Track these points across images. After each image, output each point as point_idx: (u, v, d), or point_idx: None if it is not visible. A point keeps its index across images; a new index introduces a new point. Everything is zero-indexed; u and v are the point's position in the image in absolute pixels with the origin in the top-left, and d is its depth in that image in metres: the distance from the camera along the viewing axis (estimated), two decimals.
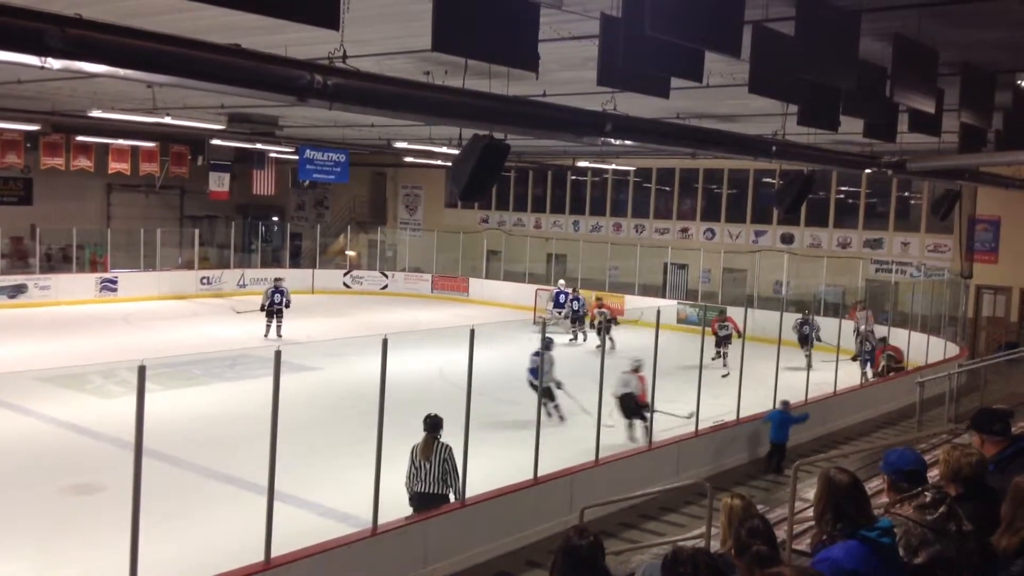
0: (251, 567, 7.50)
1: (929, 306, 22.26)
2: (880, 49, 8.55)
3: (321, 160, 26.00)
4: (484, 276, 32.33)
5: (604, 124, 9.36)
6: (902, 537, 3.60)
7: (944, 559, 3.57)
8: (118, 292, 28.21)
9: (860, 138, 11.83)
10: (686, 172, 29.75)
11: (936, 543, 3.60)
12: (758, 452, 13.67)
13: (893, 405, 17.07)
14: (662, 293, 28.73)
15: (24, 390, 15.15)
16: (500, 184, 31.89)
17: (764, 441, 13.73)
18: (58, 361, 17.68)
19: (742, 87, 8.60)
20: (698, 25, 6.39)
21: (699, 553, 3.33)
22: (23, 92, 17.35)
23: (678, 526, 10.47)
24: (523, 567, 9.26)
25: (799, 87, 8.42)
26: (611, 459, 11.29)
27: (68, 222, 29.25)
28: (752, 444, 13.72)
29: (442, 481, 8.99)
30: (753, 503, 4.66)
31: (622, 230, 31.47)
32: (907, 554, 3.55)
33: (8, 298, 26.12)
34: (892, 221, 26.23)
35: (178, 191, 34.73)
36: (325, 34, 6.09)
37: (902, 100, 8.87)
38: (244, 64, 6.21)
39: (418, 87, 8.34)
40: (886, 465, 4.04)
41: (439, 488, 9.00)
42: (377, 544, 8.44)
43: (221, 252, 33.45)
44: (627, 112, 10.04)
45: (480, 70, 7.94)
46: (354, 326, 24.45)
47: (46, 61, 5.16)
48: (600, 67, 7.59)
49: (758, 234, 28.47)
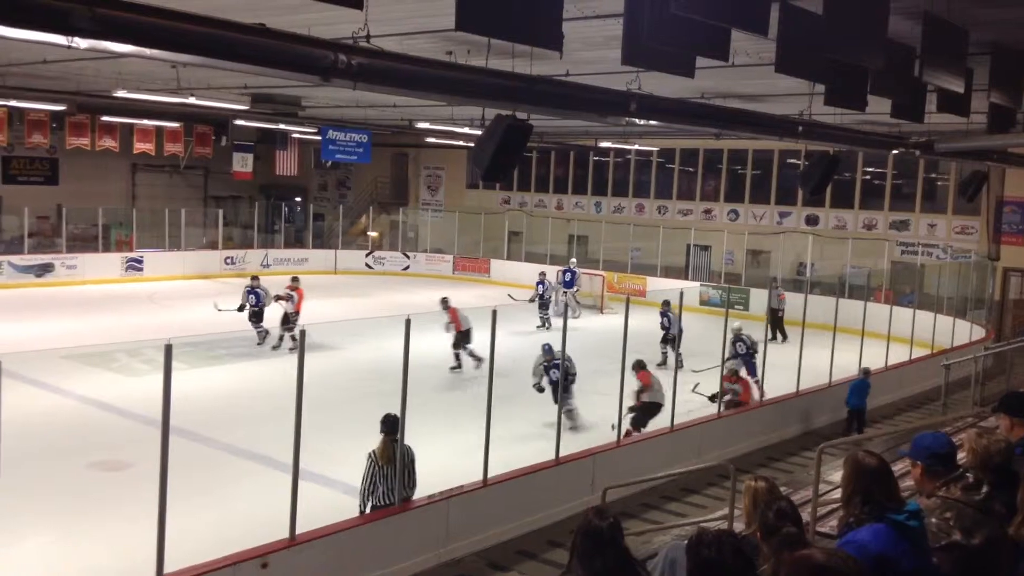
0: (276, 543, 7.59)
1: (955, 288, 22.05)
2: (909, 28, 8.43)
3: (343, 141, 26.00)
4: (506, 257, 32.30)
5: (628, 104, 9.31)
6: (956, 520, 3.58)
7: (997, 539, 3.56)
8: (143, 271, 28.45)
9: (887, 118, 11.69)
10: (710, 152, 29.54)
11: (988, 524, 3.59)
12: (782, 434, 13.65)
13: (917, 388, 16.96)
14: (685, 275, 28.60)
15: (51, 368, 15.33)
16: (522, 165, 31.82)
17: (789, 423, 13.74)
18: (84, 339, 17.86)
19: (768, 66, 8.51)
20: (725, 3, 6.32)
21: (724, 534, 3.33)
22: (49, 72, 17.46)
23: (700, 507, 10.49)
24: (545, 546, 9.31)
25: (826, 66, 8.32)
26: (633, 440, 11.31)
27: (94, 202, 29.47)
28: (775, 426, 13.69)
29: (403, 484, 8.57)
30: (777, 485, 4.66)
31: (645, 211, 31.33)
32: (964, 536, 3.53)
33: (35, 277, 26.42)
34: (919, 202, 25.94)
35: (202, 171, 34.90)
36: (349, 13, 6.08)
37: (931, 80, 8.75)
38: (269, 44, 6.23)
39: (442, 67, 8.31)
40: (919, 450, 4.00)
41: (401, 491, 8.56)
42: (400, 521, 8.51)
43: (245, 232, 33.63)
44: (651, 91, 9.97)
45: (503, 50, 7.90)
46: (376, 306, 24.55)
47: (73, 40, 5.18)
48: (624, 46, 7.52)
49: (782, 215, 28.25)
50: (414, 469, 8.71)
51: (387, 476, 8.49)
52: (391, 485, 8.49)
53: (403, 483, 8.56)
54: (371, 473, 8.48)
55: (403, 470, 8.53)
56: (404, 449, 8.53)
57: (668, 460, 11.35)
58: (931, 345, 18.98)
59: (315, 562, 7.82)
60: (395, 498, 8.52)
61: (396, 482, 8.48)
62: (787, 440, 13.65)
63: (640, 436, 11.71)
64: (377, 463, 8.48)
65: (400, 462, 8.48)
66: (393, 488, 8.50)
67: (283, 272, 31.41)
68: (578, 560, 3.85)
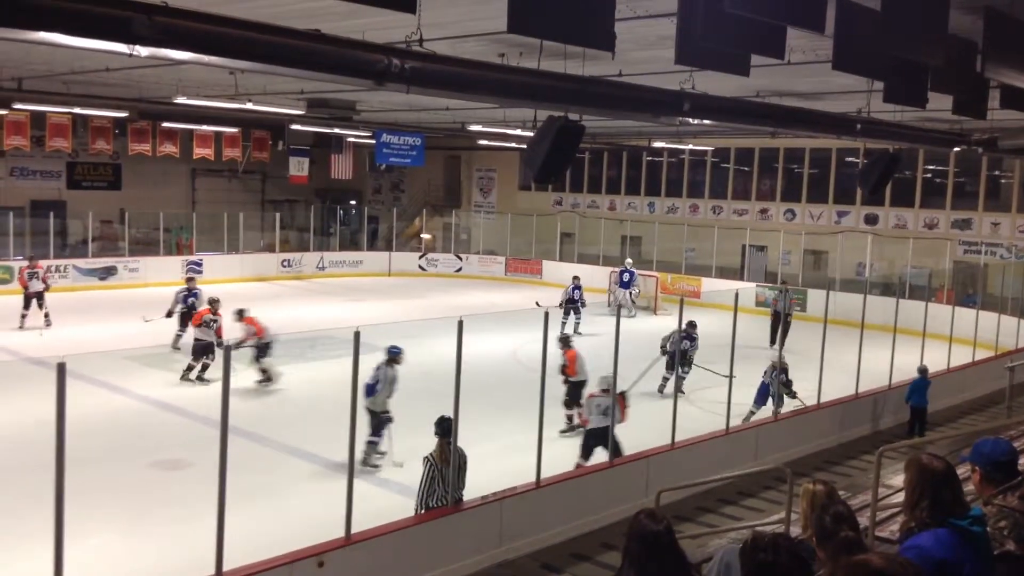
0: (332, 542, 7.67)
1: (1020, 289, 21.47)
2: (970, 23, 8.23)
3: (397, 144, 26.20)
4: (558, 259, 32.27)
5: (682, 103, 9.24)
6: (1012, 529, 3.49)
7: None
8: (203, 274, 28.99)
9: (948, 115, 11.41)
10: (765, 152, 29.16)
11: None
12: (842, 437, 13.43)
13: (980, 390, 16.54)
14: (740, 275, 28.28)
15: (115, 369, 15.69)
16: (574, 166, 31.71)
17: (847, 426, 13.51)
18: (146, 341, 18.22)
19: (825, 64, 8.37)
20: (780, 0, 6.23)
21: (780, 538, 3.28)
22: (111, 80, 17.89)
23: (756, 511, 10.35)
24: (598, 549, 9.26)
25: (885, 63, 8.16)
26: (687, 443, 11.20)
27: (155, 206, 30.13)
28: (834, 429, 13.47)
29: (457, 486, 8.61)
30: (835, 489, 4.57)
31: (699, 211, 31.04)
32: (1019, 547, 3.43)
33: (99, 280, 27.07)
34: (982, 201, 25.31)
35: (259, 176, 35.47)
36: (402, 18, 6.13)
37: (993, 75, 8.52)
38: (324, 49, 6.30)
39: (494, 69, 8.33)
40: (979, 456, 3.90)
41: (456, 492, 8.62)
42: (454, 522, 8.54)
43: (301, 235, 34.08)
44: (705, 91, 9.88)
45: (555, 51, 7.89)
46: (429, 308, 24.69)
47: (134, 49, 5.30)
48: (678, 45, 7.46)
49: (841, 215, 27.78)
50: (466, 471, 8.74)
51: (445, 478, 8.53)
52: (448, 487, 8.53)
53: (455, 485, 8.59)
54: (430, 476, 8.50)
55: (457, 472, 8.57)
56: (457, 451, 8.56)
57: (724, 463, 11.23)
58: (995, 347, 18.51)
59: (370, 561, 7.89)
60: (450, 500, 8.57)
61: (451, 484, 8.51)
62: (846, 443, 13.41)
63: (695, 438, 11.56)
64: (436, 465, 8.51)
65: (455, 463, 8.52)
66: (448, 489, 8.53)
67: (338, 274, 31.89)
68: (630, 563, 3.81)
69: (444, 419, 8.58)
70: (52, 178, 30.50)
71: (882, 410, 14.43)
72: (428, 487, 8.52)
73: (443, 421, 8.58)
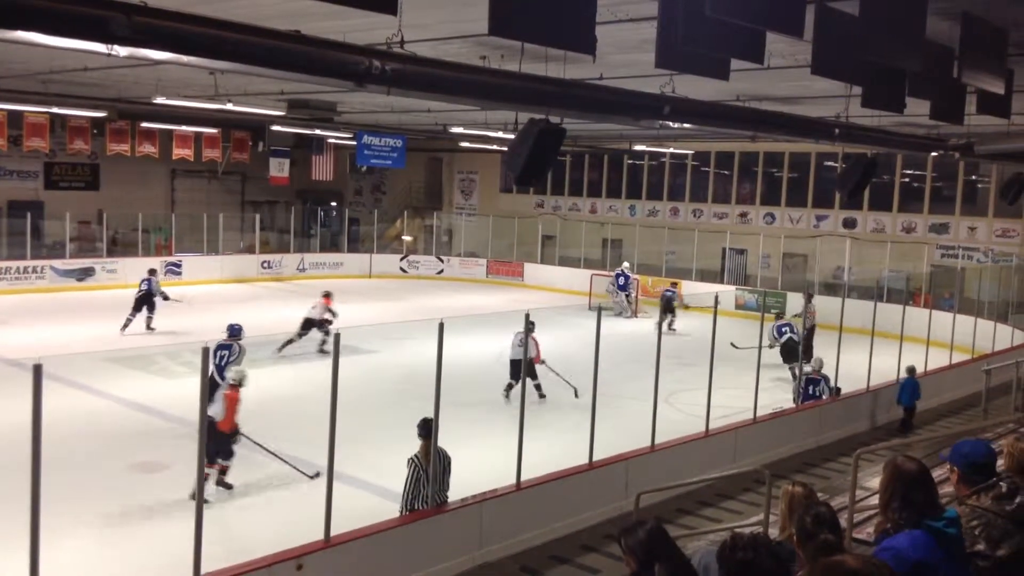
0: (311, 544, 7.63)
1: (996, 292, 21.69)
2: (947, 29, 8.31)
3: (378, 145, 26.15)
4: (539, 261, 32.31)
5: (662, 107, 9.27)
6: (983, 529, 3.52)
7: None
8: (182, 275, 28.82)
9: (926, 120, 11.54)
10: (745, 155, 29.33)
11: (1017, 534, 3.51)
12: (820, 439, 13.50)
13: (958, 393, 16.69)
14: (720, 278, 28.41)
15: (92, 370, 15.57)
16: (555, 169, 31.78)
17: (825, 429, 13.58)
18: (125, 342, 18.12)
19: (804, 68, 8.43)
20: (760, 5, 6.28)
21: (759, 538, 3.30)
22: (89, 79, 17.76)
23: (735, 513, 10.39)
24: (578, 551, 9.27)
25: (863, 68, 8.23)
26: (667, 445, 11.23)
27: (134, 207, 29.94)
28: (812, 431, 13.54)
29: (441, 487, 8.61)
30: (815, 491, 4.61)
31: (679, 215, 31.17)
32: (989, 547, 3.46)
33: (77, 281, 26.86)
34: (959, 205, 25.55)
35: (239, 176, 35.31)
36: (383, 19, 6.11)
37: (970, 81, 8.62)
38: (305, 50, 6.28)
39: (475, 71, 8.34)
40: (958, 457, 3.94)
41: (441, 494, 8.61)
42: (434, 524, 8.52)
43: (281, 237, 33.97)
44: (685, 94, 9.92)
45: (536, 54, 7.90)
46: (410, 310, 24.65)
47: (112, 48, 5.27)
48: (659, 49, 7.50)
49: (819, 218, 27.97)
50: (450, 473, 8.72)
51: (431, 479, 8.51)
52: (431, 487, 8.50)
53: (439, 486, 8.58)
54: (415, 477, 8.46)
55: (440, 473, 8.56)
56: (439, 451, 8.56)
57: (703, 465, 11.26)
58: (971, 350, 18.68)
59: (349, 564, 7.86)
60: (433, 501, 8.55)
61: (435, 485, 8.50)
62: (824, 446, 13.50)
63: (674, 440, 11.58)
64: (421, 467, 8.47)
65: (438, 465, 8.50)
66: (432, 490, 8.51)
67: (319, 276, 31.76)
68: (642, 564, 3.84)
69: (427, 420, 8.56)
70: (29, 178, 30.27)
71: (861, 413, 14.52)
72: (413, 488, 8.48)
73: (426, 422, 8.55)
